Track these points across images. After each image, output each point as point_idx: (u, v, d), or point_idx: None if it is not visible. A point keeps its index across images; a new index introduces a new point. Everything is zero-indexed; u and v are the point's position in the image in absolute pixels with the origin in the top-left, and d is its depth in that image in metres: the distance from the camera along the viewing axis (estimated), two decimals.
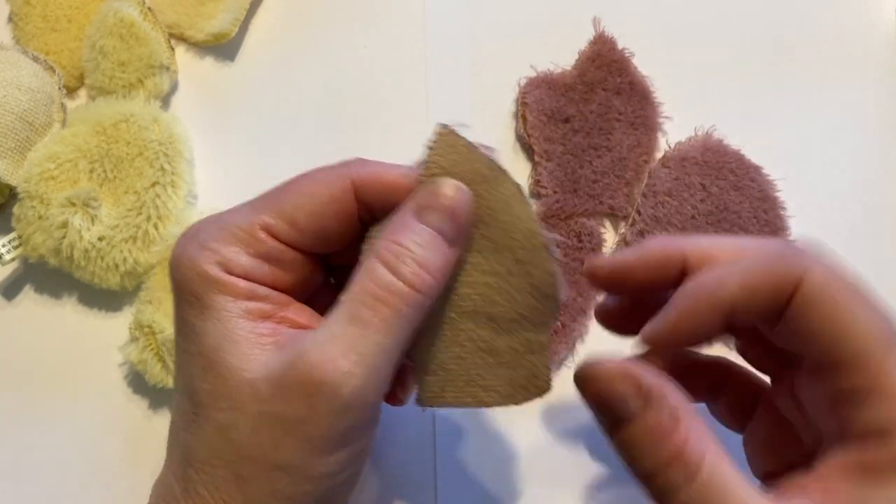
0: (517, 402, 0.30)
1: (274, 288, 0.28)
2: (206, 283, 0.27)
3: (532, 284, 0.29)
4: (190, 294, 0.27)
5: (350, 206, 0.28)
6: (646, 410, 0.25)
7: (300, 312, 0.29)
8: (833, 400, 0.25)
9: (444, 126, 0.28)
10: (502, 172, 0.28)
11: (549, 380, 0.30)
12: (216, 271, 0.27)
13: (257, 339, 0.27)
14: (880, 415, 0.24)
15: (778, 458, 0.29)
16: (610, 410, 0.26)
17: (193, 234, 0.28)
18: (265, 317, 0.27)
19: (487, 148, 0.28)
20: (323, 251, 0.29)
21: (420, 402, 0.30)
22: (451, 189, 0.28)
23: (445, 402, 0.30)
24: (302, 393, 0.25)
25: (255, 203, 0.29)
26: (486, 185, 0.28)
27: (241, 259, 0.28)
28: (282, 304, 0.28)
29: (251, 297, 0.27)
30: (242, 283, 0.27)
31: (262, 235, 0.28)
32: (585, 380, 0.26)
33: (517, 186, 0.28)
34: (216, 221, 0.29)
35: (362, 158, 0.29)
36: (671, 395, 0.25)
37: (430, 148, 0.28)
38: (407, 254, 0.26)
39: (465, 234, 0.28)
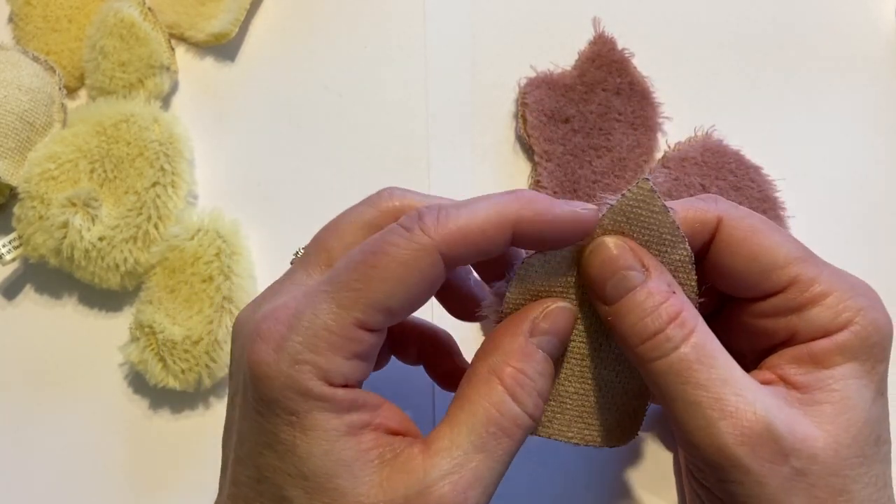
0: (609, 445, 0.31)
1: (362, 382, 0.28)
2: (309, 402, 0.25)
3: None
4: (286, 412, 0.26)
5: (440, 275, 0.27)
6: (648, 280, 0.27)
7: (391, 416, 0.27)
8: (772, 314, 0.29)
9: (648, 181, 0.27)
10: (681, 239, 0.28)
11: (640, 426, 0.31)
12: (319, 387, 0.25)
13: (365, 457, 0.26)
14: (822, 317, 0.28)
15: None
16: (614, 280, 0.27)
17: (279, 343, 0.26)
18: (365, 426, 0.26)
19: (675, 211, 0.28)
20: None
21: None
22: (561, 313, 0.28)
23: (548, 433, 0.30)
24: None
25: (339, 295, 0.26)
26: (662, 248, 0.28)
27: (342, 367, 0.26)
28: (375, 406, 0.27)
29: (352, 408, 0.26)
30: (343, 394, 0.26)
31: (359, 334, 0.26)
32: (594, 251, 0.28)
33: (690, 256, 0.29)
34: (302, 324, 0.26)
35: (433, 214, 0.26)
36: (665, 271, 0.28)
37: (625, 196, 0.28)
38: (530, 384, 0.27)
39: (565, 347, 0.29)
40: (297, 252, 0.31)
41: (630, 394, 0.31)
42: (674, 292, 0.28)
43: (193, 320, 0.38)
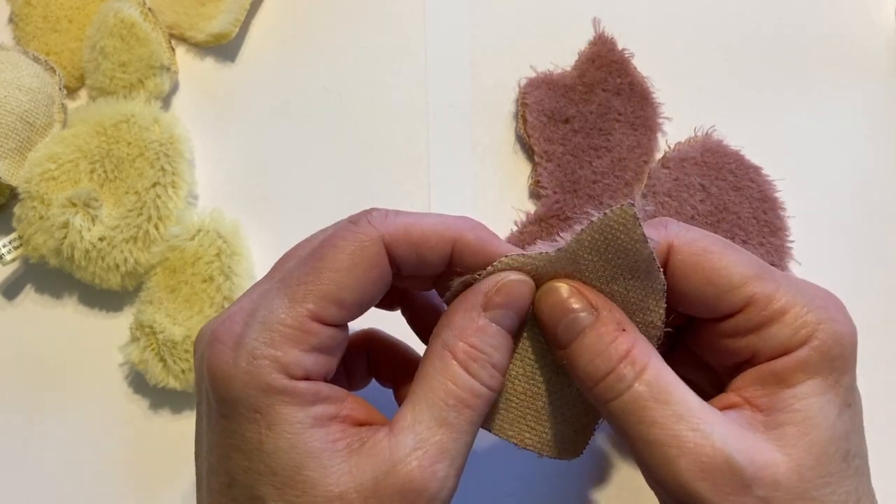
0: (549, 455, 0.30)
1: (327, 379, 0.28)
2: (271, 396, 0.25)
3: None
4: (250, 410, 0.26)
5: (386, 268, 0.28)
6: (597, 321, 0.27)
7: (357, 407, 0.28)
8: (733, 335, 0.28)
9: (633, 207, 0.27)
10: (657, 271, 0.28)
11: (585, 445, 0.31)
12: (280, 380, 0.26)
13: (332, 448, 0.26)
14: (781, 335, 0.27)
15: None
16: (564, 323, 0.28)
17: (236, 342, 0.26)
18: (331, 418, 0.26)
19: (655, 243, 0.27)
20: (361, 315, 0.29)
21: None
22: (517, 286, 0.28)
23: (487, 426, 0.30)
24: (402, 500, 0.25)
25: (291, 290, 0.27)
26: (634, 273, 0.28)
27: (301, 359, 0.26)
28: (341, 399, 0.27)
29: (316, 400, 0.26)
30: (305, 387, 0.26)
31: (314, 327, 0.26)
32: (544, 295, 0.28)
33: (663, 286, 0.28)
34: (256, 320, 0.26)
35: (382, 212, 0.28)
36: (615, 309, 0.28)
37: (607, 216, 0.27)
38: (483, 358, 0.27)
39: (523, 324, 0.29)
40: None
41: (580, 408, 0.30)
42: (623, 329, 0.27)
43: (194, 320, 0.38)
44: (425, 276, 0.30)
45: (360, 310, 0.28)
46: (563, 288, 0.28)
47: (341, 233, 0.27)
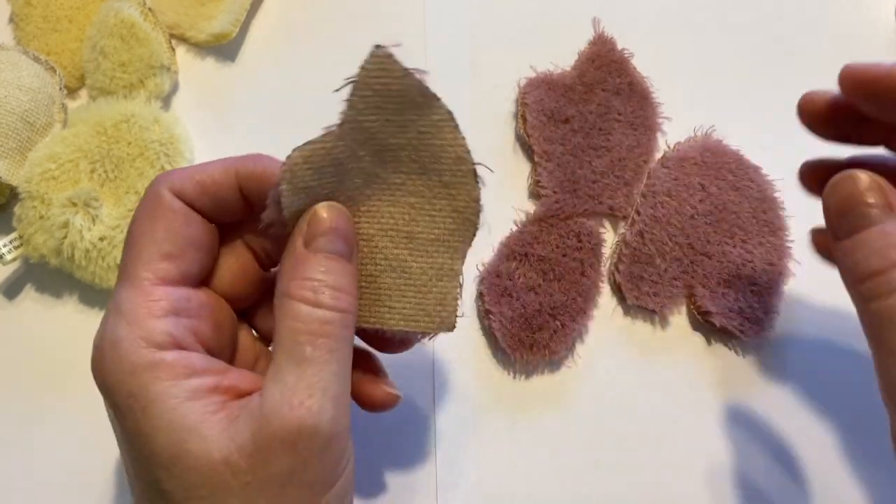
0: (421, 329, 0.30)
1: (205, 345, 0.28)
2: (140, 376, 0.25)
3: (455, 208, 0.29)
4: (125, 397, 0.26)
5: (188, 213, 0.28)
6: (886, 219, 0.27)
7: (242, 378, 0.28)
8: None
9: (381, 48, 0.27)
10: (434, 98, 0.28)
11: (455, 313, 0.30)
12: (146, 355, 0.26)
13: (210, 418, 0.25)
14: None
15: None
16: (854, 214, 0.27)
17: (100, 338, 0.27)
18: (210, 391, 0.26)
19: (421, 72, 0.27)
20: (204, 269, 0.29)
21: None
22: (326, 211, 0.28)
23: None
24: (284, 446, 0.25)
25: (125, 273, 0.28)
26: (417, 110, 0.28)
27: (159, 325, 0.26)
28: (220, 372, 0.27)
29: (190, 373, 0.26)
30: (175, 358, 0.26)
31: (159, 290, 0.27)
32: (842, 182, 0.28)
33: (449, 113, 0.28)
34: (111, 313, 0.27)
35: (168, 171, 0.30)
36: None
37: (364, 69, 0.27)
38: (316, 284, 0.27)
39: (354, 246, 0.29)
40: None
41: (430, 275, 0.30)
42: None
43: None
44: (252, 226, 0.30)
45: (193, 260, 0.28)
46: (863, 179, 0.28)
47: (139, 201, 0.29)
